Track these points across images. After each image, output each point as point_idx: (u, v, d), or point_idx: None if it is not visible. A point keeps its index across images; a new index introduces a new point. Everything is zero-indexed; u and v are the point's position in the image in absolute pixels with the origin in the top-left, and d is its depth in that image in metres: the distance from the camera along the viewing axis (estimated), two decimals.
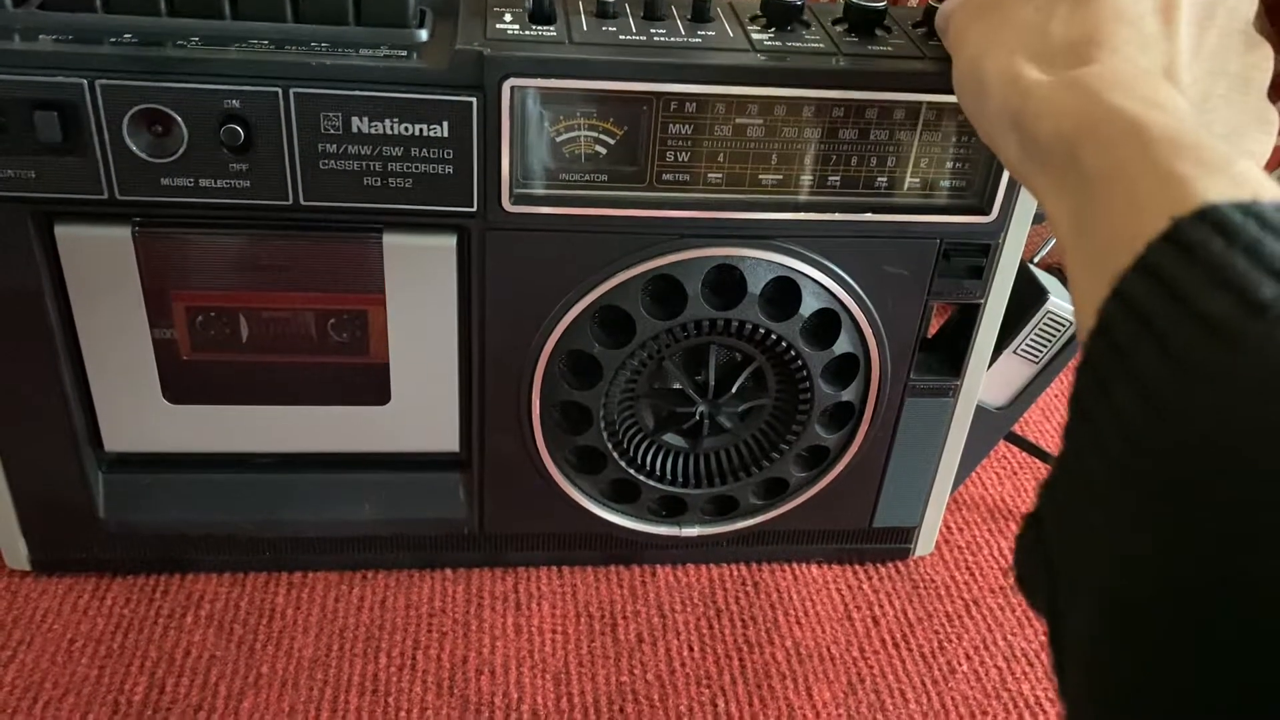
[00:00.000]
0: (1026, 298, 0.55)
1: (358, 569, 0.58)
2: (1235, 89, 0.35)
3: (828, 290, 0.50)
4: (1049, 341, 0.56)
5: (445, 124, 0.44)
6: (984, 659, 0.57)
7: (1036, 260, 0.60)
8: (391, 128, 0.44)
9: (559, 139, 0.46)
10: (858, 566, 0.62)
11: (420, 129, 0.44)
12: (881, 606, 0.59)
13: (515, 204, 0.46)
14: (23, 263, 0.46)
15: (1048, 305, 0.55)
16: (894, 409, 0.55)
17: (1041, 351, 0.56)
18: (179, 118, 0.43)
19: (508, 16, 0.46)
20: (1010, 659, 0.57)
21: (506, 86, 0.43)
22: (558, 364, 0.51)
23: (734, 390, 0.53)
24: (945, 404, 0.56)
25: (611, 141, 0.46)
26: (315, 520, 0.55)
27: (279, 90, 0.42)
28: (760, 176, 0.47)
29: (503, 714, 0.51)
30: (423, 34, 0.45)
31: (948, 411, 0.56)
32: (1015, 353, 0.56)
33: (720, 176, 0.47)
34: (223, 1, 0.43)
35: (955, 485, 0.60)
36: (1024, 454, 0.70)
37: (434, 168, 0.45)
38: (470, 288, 0.49)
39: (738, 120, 0.46)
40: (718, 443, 0.55)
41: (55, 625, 0.54)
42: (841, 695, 0.54)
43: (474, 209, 0.46)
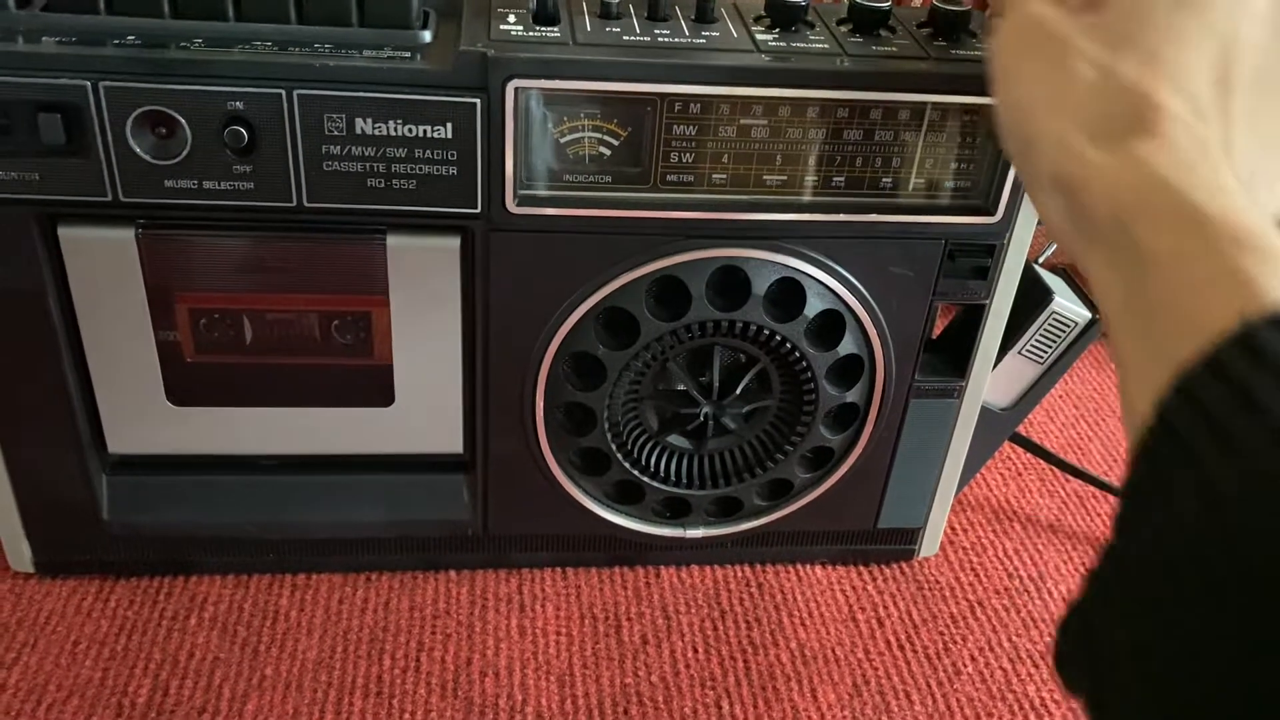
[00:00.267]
0: (1031, 298, 0.55)
1: (362, 571, 0.58)
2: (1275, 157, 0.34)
3: (832, 291, 0.50)
4: (1054, 342, 0.56)
5: (449, 125, 0.44)
6: (989, 660, 0.56)
7: (1041, 261, 0.59)
8: (395, 129, 0.44)
9: (563, 140, 0.45)
10: (862, 568, 0.62)
11: (424, 130, 0.44)
12: (886, 608, 0.59)
13: (519, 205, 0.46)
14: (26, 265, 0.46)
15: (1053, 306, 0.55)
16: (898, 410, 0.55)
17: (1046, 352, 0.56)
18: (183, 119, 0.43)
19: (511, 17, 0.46)
20: (1015, 660, 0.56)
21: (510, 88, 0.43)
22: (562, 365, 0.51)
23: (738, 391, 0.53)
24: (950, 405, 0.56)
25: (615, 143, 0.46)
26: (319, 522, 0.55)
27: (283, 92, 0.42)
28: (764, 177, 0.47)
29: (507, 716, 0.51)
30: (426, 35, 0.45)
31: (952, 413, 0.56)
32: (1020, 353, 0.56)
33: (724, 177, 0.47)
34: (226, 3, 0.43)
35: (960, 486, 0.60)
36: (1029, 455, 0.70)
37: (438, 169, 0.45)
38: (474, 289, 0.49)
39: (742, 121, 0.46)
40: (722, 444, 0.55)
41: (59, 627, 0.54)
42: (846, 697, 0.54)
43: (478, 210, 0.46)
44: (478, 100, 0.43)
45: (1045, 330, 0.55)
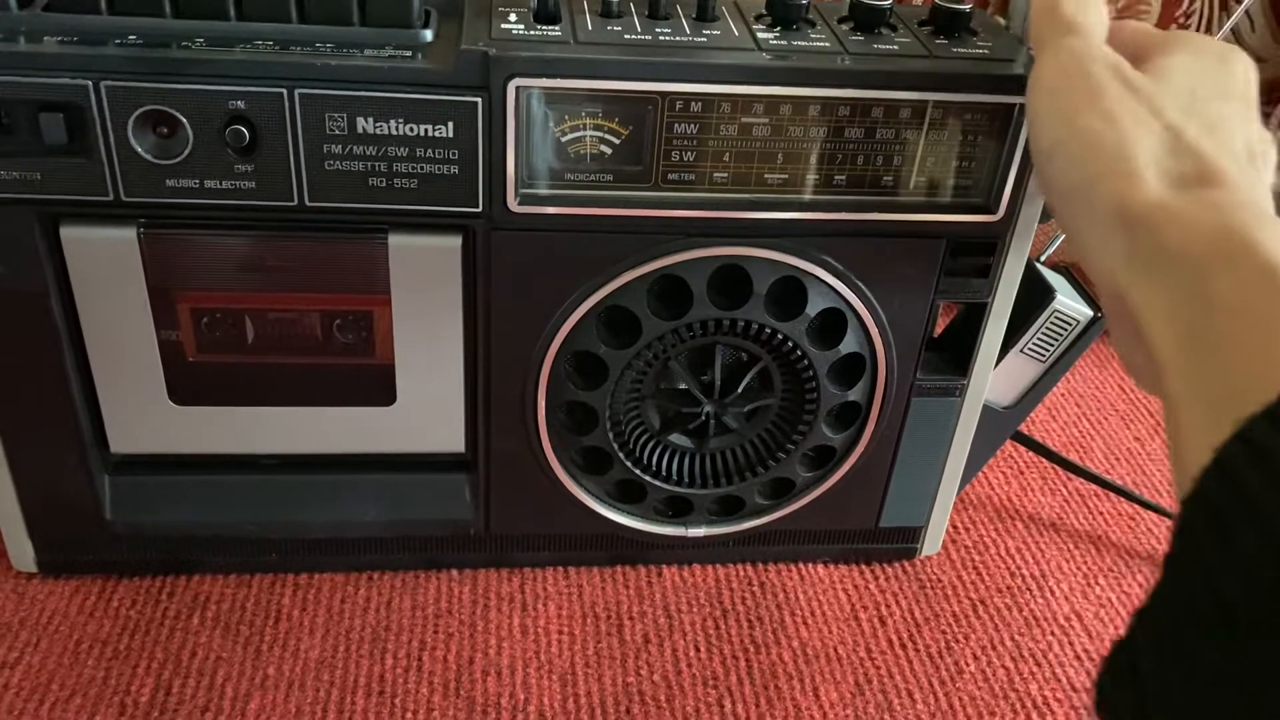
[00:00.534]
0: (1033, 296, 0.55)
1: (364, 570, 0.58)
2: None
3: (833, 290, 0.50)
4: (1056, 340, 0.56)
5: (450, 124, 0.44)
6: (991, 659, 0.56)
7: (1043, 259, 0.59)
8: (396, 128, 0.44)
9: (564, 139, 0.45)
10: (864, 566, 0.62)
11: (425, 129, 0.44)
12: (888, 606, 0.59)
13: (520, 204, 0.46)
14: (28, 264, 0.46)
15: (1055, 304, 0.54)
16: (900, 409, 0.55)
17: (1048, 350, 0.56)
18: (184, 119, 0.43)
19: (512, 16, 0.46)
20: (1018, 659, 0.56)
21: (512, 86, 0.43)
22: (563, 364, 0.51)
23: (740, 390, 0.53)
24: (952, 404, 0.56)
25: (617, 141, 0.46)
26: (321, 521, 0.55)
27: (284, 91, 0.42)
28: (766, 176, 0.47)
29: (509, 715, 0.51)
30: (427, 34, 0.45)
31: (954, 411, 0.56)
32: (1022, 352, 0.56)
33: (726, 176, 0.47)
34: (227, 3, 0.43)
35: (962, 485, 0.60)
36: (1031, 454, 0.70)
37: (439, 168, 0.45)
38: (475, 288, 0.49)
39: (743, 119, 0.45)
40: (724, 443, 0.55)
41: (62, 627, 0.54)
42: (849, 696, 0.54)
43: (479, 209, 0.46)
44: (479, 99, 0.43)
45: (1047, 329, 0.55)
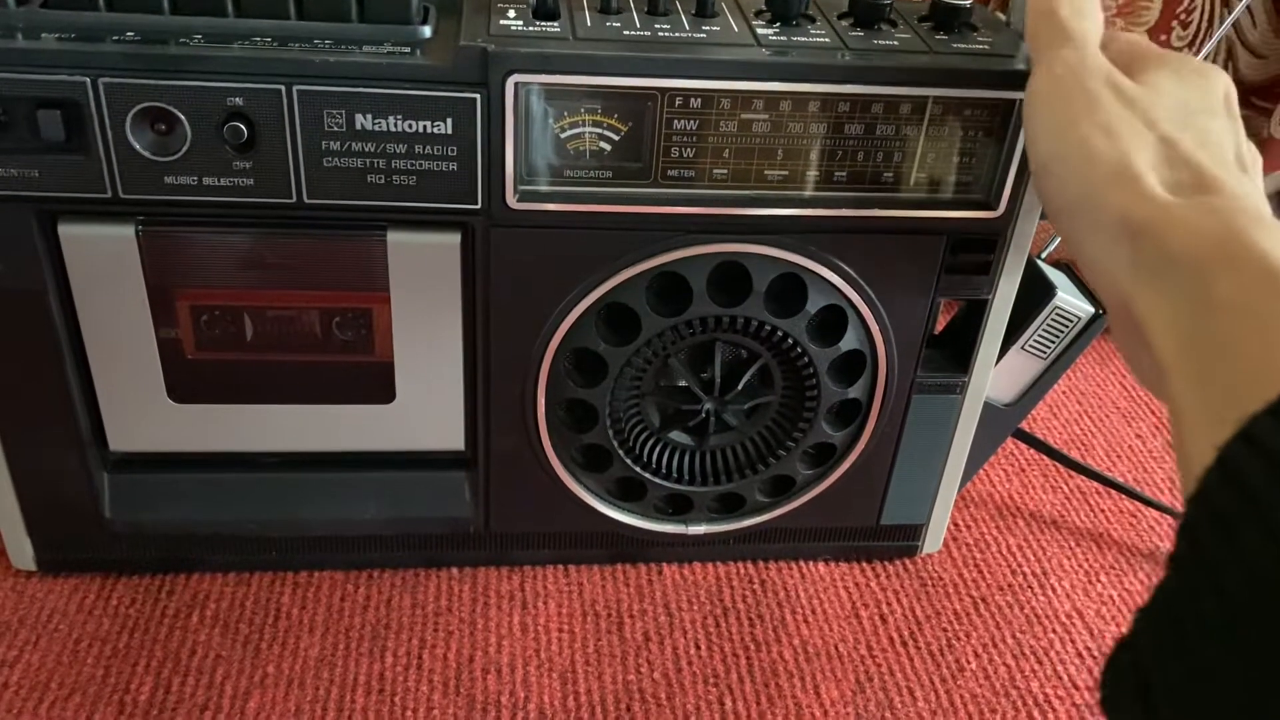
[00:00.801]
0: (1034, 293, 0.55)
1: (363, 568, 0.58)
2: None
3: (834, 286, 0.50)
4: (1057, 337, 0.55)
5: (449, 121, 0.44)
6: (992, 657, 0.56)
7: (1044, 255, 0.59)
8: (395, 125, 0.43)
9: (563, 135, 0.45)
10: (865, 564, 0.62)
11: (424, 126, 0.44)
12: (889, 604, 0.59)
13: (520, 201, 0.46)
14: (26, 262, 0.46)
15: (1055, 301, 0.54)
16: (901, 406, 0.55)
17: (1049, 347, 0.56)
18: (182, 116, 0.42)
19: (511, 12, 0.46)
20: (1019, 656, 0.56)
21: (510, 83, 0.43)
22: (563, 362, 0.51)
23: (740, 387, 0.53)
24: (952, 401, 0.55)
25: (616, 138, 0.46)
26: (321, 519, 0.55)
27: (282, 88, 0.42)
28: (765, 172, 0.47)
29: (509, 713, 0.51)
30: (426, 30, 0.44)
31: (955, 408, 0.56)
32: (1023, 349, 0.56)
33: (725, 172, 0.47)
34: None
35: (963, 482, 0.60)
36: (1032, 451, 0.70)
37: (438, 165, 0.45)
38: (475, 285, 0.49)
39: (743, 116, 0.45)
40: (724, 440, 0.55)
41: (61, 625, 0.54)
42: (849, 693, 0.54)
43: (478, 206, 0.46)
44: (478, 95, 0.43)
45: (1048, 325, 0.55)
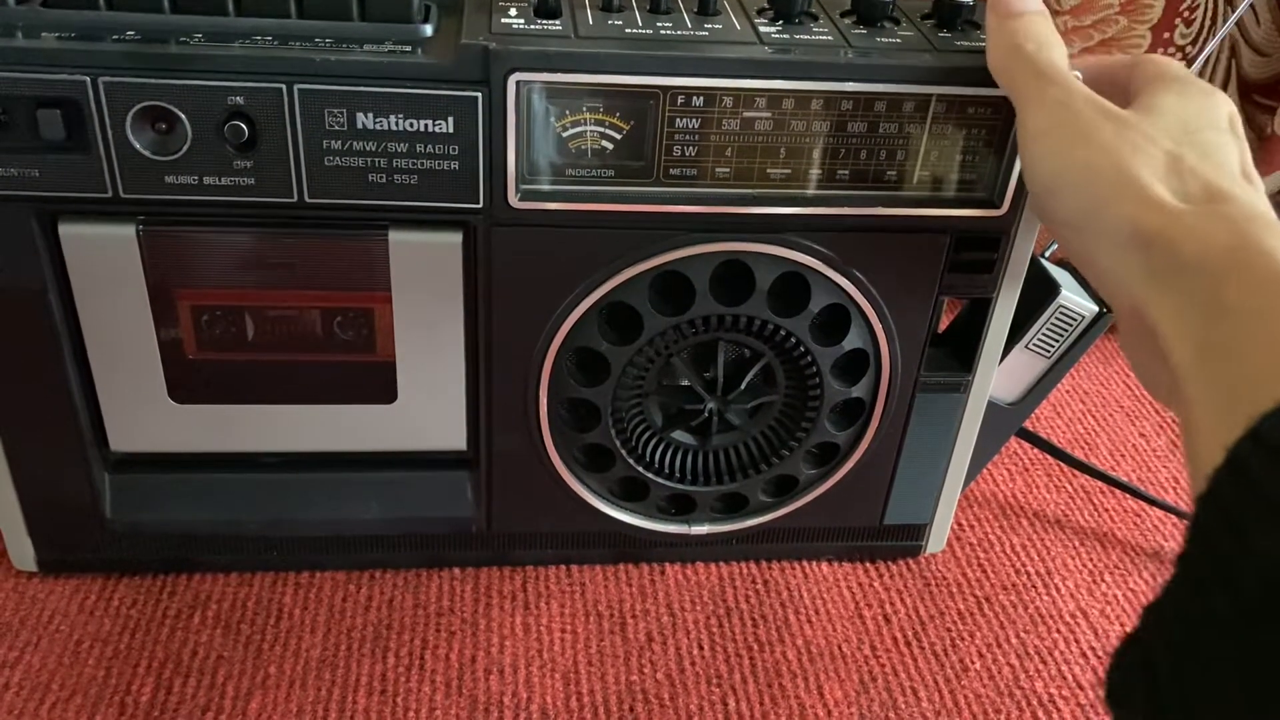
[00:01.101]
0: (1038, 292, 0.55)
1: (365, 568, 0.58)
2: None
3: (837, 285, 0.50)
4: (1061, 336, 0.55)
5: (450, 119, 0.43)
6: (996, 657, 0.56)
7: (1048, 254, 0.59)
8: (396, 123, 0.43)
9: (565, 134, 0.45)
10: (868, 564, 0.61)
11: (425, 125, 0.43)
12: (893, 604, 0.59)
13: (521, 200, 0.46)
14: (27, 262, 0.46)
15: (1060, 300, 0.54)
16: (904, 405, 0.55)
17: (1053, 346, 0.56)
18: (183, 115, 0.42)
19: (513, 11, 0.45)
20: (1023, 656, 0.56)
21: (512, 81, 0.43)
22: (565, 361, 0.51)
23: (743, 387, 0.53)
24: (956, 400, 0.55)
25: (618, 136, 0.45)
26: (322, 519, 0.55)
27: (283, 86, 0.42)
28: (768, 171, 0.47)
29: (511, 713, 0.51)
30: (427, 29, 0.44)
31: (959, 407, 0.56)
32: (1027, 348, 0.56)
33: (728, 171, 0.47)
34: None
35: (967, 482, 0.60)
36: (1036, 450, 0.70)
37: (439, 164, 0.44)
38: (476, 285, 0.48)
39: (745, 114, 0.45)
40: (727, 440, 0.55)
41: (62, 626, 0.54)
42: (853, 694, 0.53)
43: (480, 205, 0.46)
44: (479, 94, 0.43)
45: (1052, 324, 0.55)
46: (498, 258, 0.48)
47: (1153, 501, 0.67)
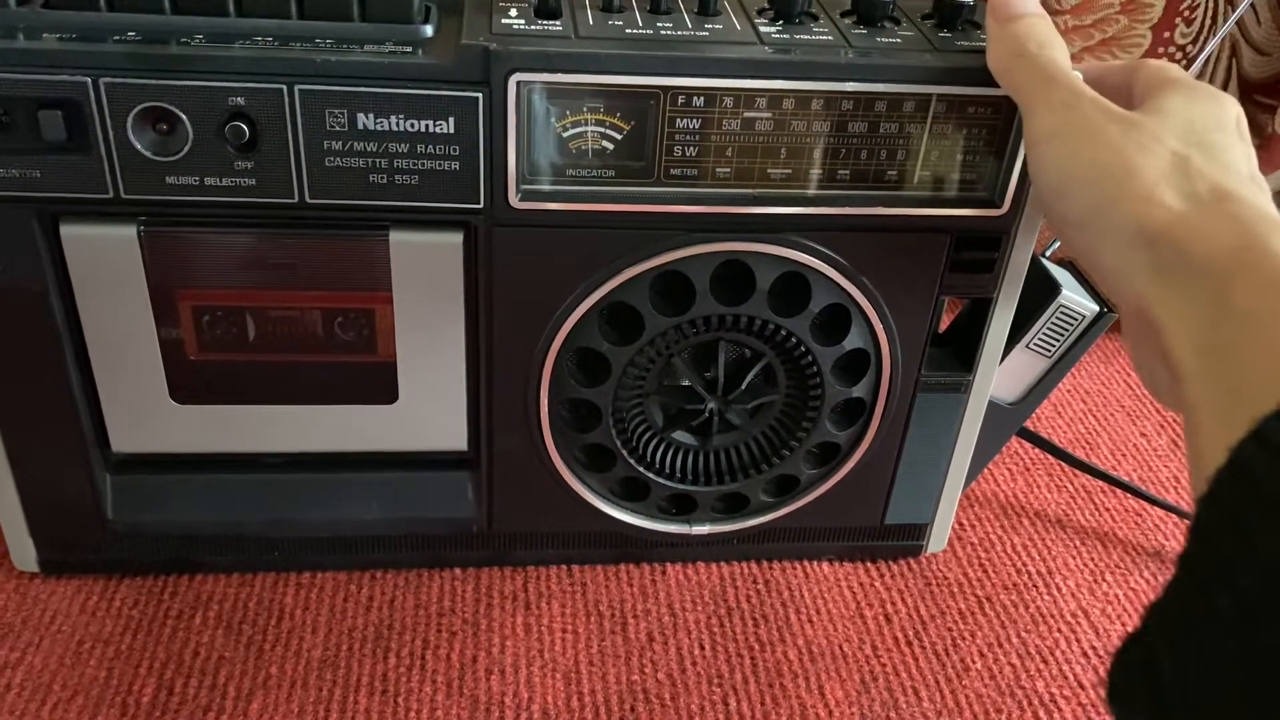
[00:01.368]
0: (1038, 292, 0.55)
1: (366, 569, 0.58)
2: None
3: (837, 285, 0.50)
4: (1062, 335, 0.55)
5: (451, 120, 0.43)
6: (997, 656, 0.56)
7: (1048, 254, 0.59)
8: (397, 124, 0.43)
9: (566, 134, 0.45)
10: (869, 564, 0.61)
11: (426, 125, 0.43)
12: (894, 604, 0.59)
13: (522, 200, 0.46)
14: (28, 263, 0.46)
15: (1060, 299, 0.54)
16: (905, 405, 0.55)
17: (1054, 346, 0.56)
18: (184, 115, 0.42)
19: (513, 11, 0.45)
20: (1024, 656, 0.56)
21: (513, 81, 0.43)
22: (566, 361, 0.51)
23: (744, 387, 0.53)
24: (957, 400, 0.55)
25: (619, 136, 0.46)
26: (323, 520, 0.55)
27: (284, 87, 0.42)
28: (768, 171, 0.47)
29: (513, 713, 0.51)
30: (428, 29, 0.44)
31: (959, 407, 0.56)
32: (1028, 347, 0.56)
33: (728, 171, 0.47)
34: None
35: (968, 482, 0.60)
36: (1036, 450, 0.70)
37: (440, 164, 0.44)
38: (477, 285, 0.49)
39: (745, 114, 0.45)
40: (727, 440, 0.55)
41: (64, 627, 0.54)
42: (854, 693, 0.53)
43: (480, 206, 0.46)
44: (480, 95, 0.43)
45: (1053, 323, 0.55)
46: (498, 258, 0.48)
47: (1154, 501, 0.67)
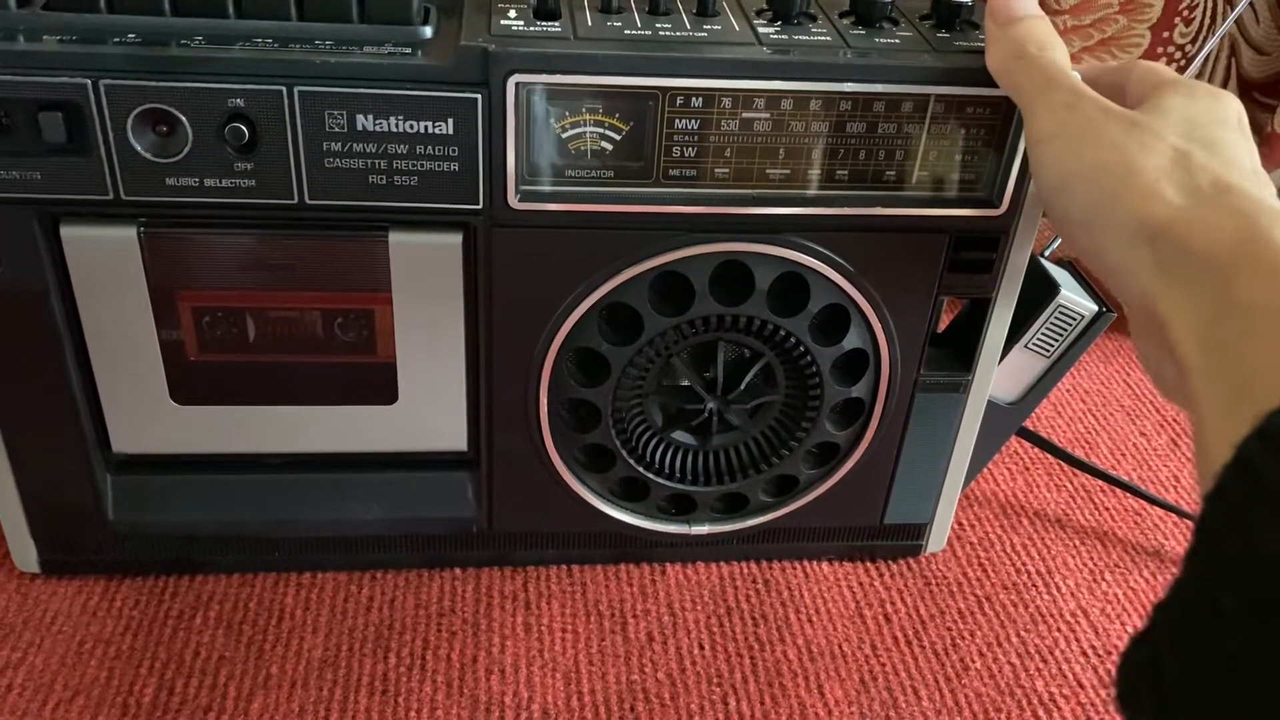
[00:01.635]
0: (1037, 291, 0.55)
1: (367, 569, 0.58)
2: None
3: (836, 285, 0.50)
4: (1060, 335, 0.55)
5: (450, 121, 0.44)
6: (997, 656, 0.56)
7: (1047, 254, 0.59)
8: (396, 125, 0.43)
9: (565, 135, 0.45)
10: (869, 564, 0.61)
11: (425, 126, 0.44)
12: (893, 604, 0.59)
13: (521, 201, 0.46)
14: (29, 264, 0.46)
15: (1059, 299, 0.54)
16: (904, 405, 0.55)
17: (1053, 346, 0.56)
18: (183, 117, 0.42)
19: (512, 12, 0.46)
20: (1023, 655, 0.56)
21: (511, 82, 0.43)
22: (565, 362, 0.51)
23: (743, 387, 0.53)
24: (956, 399, 0.55)
25: (617, 137, 0.46)
26: (324, 520, 0.55)
27: (283, 89, 0.42)
28: (767, 171, 0.47)
29: (513, 713, 0.51)
30: (427, 31, 0.44)
31: (959, 407, 0.56)
32: (1026, 347, 0.56)
33: (727, 171, 0.47)
34: (226, 1, 0.43)
35: (967, 481, 0.60)
36: (1036, 449, 0.70)
37: (439, 165, 0.45)
38: (477, 285, 0.49)
39: (744, 115, 0.45)
40: (727, 440, 0.55)
41: (65, 627, 0.54)
42: (854, 693, 0.54)
43: (480, 206, 0.46)
44: (479, 95, 0.43)
45: (1052, 323, 0.55)
46: (498, 259, 0.48)
47: (1153, 500, 0.67)
